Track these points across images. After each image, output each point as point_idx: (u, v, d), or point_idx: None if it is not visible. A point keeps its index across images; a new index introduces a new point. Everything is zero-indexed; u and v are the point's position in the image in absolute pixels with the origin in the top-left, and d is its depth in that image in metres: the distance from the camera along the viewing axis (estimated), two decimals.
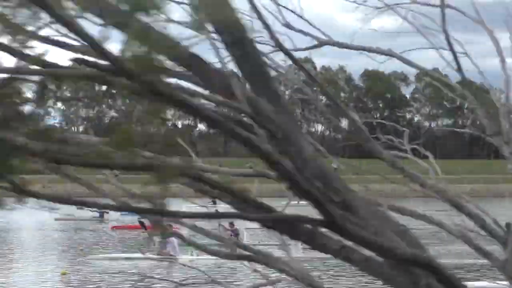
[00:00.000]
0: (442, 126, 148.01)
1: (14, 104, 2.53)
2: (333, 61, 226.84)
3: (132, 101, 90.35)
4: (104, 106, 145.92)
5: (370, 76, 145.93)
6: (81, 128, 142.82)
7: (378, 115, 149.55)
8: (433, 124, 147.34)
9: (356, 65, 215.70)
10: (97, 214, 47.83)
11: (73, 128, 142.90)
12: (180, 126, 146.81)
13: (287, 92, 28.00)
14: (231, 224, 32.97)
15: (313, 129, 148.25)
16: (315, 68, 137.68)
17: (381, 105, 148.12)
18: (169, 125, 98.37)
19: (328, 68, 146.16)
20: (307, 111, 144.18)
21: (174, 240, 26.79)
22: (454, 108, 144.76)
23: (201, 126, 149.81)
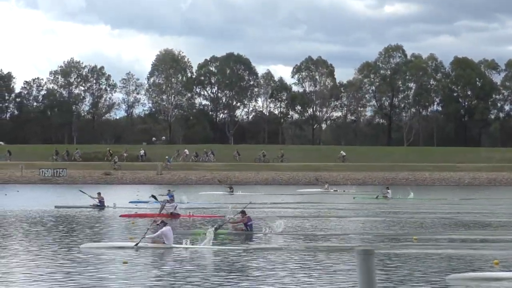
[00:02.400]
0: None
1: None
2: (424, 47, 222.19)
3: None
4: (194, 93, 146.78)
5: (459, 63, 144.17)
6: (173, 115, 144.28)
7: (466, 103, 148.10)
8: None
9: (446, 51, 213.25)
10: (97, 202, 47.09)
11: (165, 115, 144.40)
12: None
13: (377, 81, 28.56)
14: (243, 212, 31.95)
15: (404, 116, 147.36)
16: (405, 55, 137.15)
17: (469, 93, 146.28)
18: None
19: (419, 55, 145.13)
20: (397, 100, 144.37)
21: (169, 228, 26.34)
22: None
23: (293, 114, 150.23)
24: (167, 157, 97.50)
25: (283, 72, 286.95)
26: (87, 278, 19.66)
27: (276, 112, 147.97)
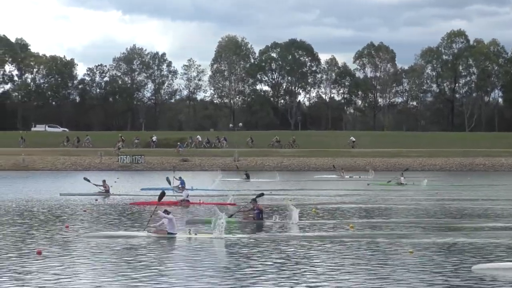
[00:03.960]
0: None
1: None
2: (486, 32, 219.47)
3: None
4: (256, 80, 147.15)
5: None
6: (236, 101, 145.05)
7: None
8: None
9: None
10: (102, 189, 46.12)
11: (227, 101, 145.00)
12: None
13: (439, 66, 28.25)
14: (254, 201, 31.04)
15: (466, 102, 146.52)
16: (468, 40, 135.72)
17: None
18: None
19: (480, 40, 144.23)
20: (458, 85, 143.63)
21: (172, 217, 25.54)
22: None
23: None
24: (179, 143, 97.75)
25: None
26: (89, 269, 19.16)
27: (338, 98, 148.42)
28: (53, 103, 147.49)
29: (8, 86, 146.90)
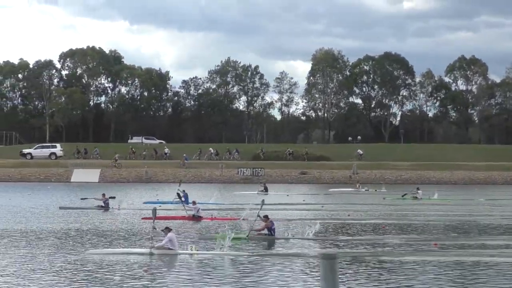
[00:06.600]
0: None
1: None
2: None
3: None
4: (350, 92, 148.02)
5: None
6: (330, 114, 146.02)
7: None
8: None
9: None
10: (102, 204, 46.15)
11: (321, 114, 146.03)
12: None
13: None
14: (266, 217, 30.28)
15: None
16: None
17: None
18: None
19: None
20: None
21: (173, 234, 25.57)
22: None
23: None
24: (184, 155, 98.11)
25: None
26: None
27: (432, 111, 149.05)
28: (145, 114, 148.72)
29: (102, 99, 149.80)
